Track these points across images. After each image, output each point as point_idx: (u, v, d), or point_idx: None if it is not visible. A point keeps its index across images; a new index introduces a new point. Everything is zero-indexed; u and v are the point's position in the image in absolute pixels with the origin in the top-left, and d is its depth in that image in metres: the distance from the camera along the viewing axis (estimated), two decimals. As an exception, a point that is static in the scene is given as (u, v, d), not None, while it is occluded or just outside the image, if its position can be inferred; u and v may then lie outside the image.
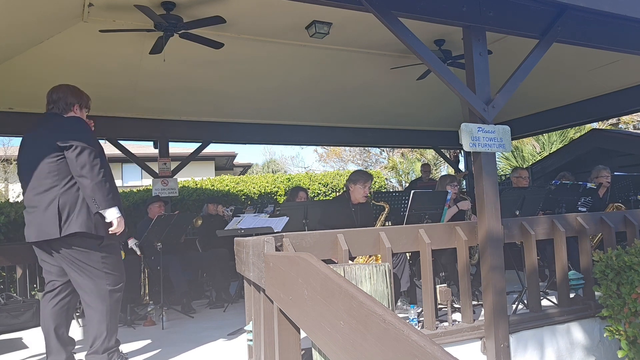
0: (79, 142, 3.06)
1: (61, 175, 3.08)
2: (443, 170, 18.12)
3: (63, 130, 3.13)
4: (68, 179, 3.08)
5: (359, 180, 4.58)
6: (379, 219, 4.40)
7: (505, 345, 3.54)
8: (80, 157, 3.04)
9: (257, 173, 23.32)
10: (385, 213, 4.38)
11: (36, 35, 4.74)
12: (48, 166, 3.08)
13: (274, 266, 2.25)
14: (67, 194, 3.06)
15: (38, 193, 3.08)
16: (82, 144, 3.07)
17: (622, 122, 16.20)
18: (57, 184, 3.07)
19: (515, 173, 6.09)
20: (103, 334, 3.13)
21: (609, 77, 6.50)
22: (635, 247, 3.68)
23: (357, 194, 4.58)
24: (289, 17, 4.71)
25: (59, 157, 3.08)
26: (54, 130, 3.15)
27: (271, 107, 7.37)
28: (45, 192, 3.06)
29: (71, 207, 3.05)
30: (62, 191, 3.06)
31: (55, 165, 3.08)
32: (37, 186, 3.09)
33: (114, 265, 3.24)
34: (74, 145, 3.05)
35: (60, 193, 3.05)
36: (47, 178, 3.07)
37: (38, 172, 3.10)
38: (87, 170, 3.03)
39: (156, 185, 7.21)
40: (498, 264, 3.56)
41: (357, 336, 1.32)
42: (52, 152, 3.08)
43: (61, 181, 3.07)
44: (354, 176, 4.67)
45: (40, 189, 3.07)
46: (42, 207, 3.05)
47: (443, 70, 3.65)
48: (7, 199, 13.45)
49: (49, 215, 3.02)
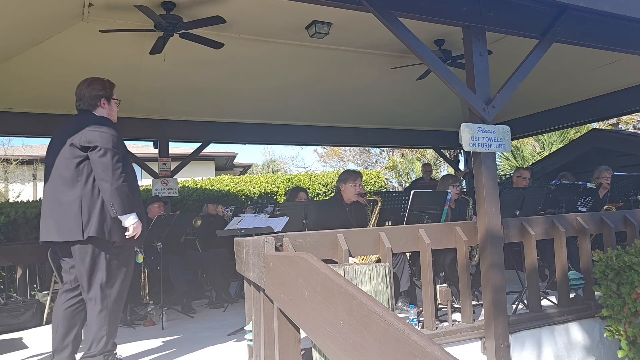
0: (102, 144, 3.07)
1: (85, 176, 3.08)
2: (443, 170, 18.12)
3: (89, 131, 3.12)
4: (92, 180, 3.08)
5: (348, 179, 4.61)
6: (374, 213, 4.42)
7: (505, 345, 3.54)
8: (103, 160, 3.04)
9: (257, 173, 23.32)
10: (379, 207, 4.38)
11: (36, 35, 4.74)
12: (72, 166, 3.08)
13: (274, 266, 2.25)
14: (90, 196, 3.07)
15: (61, 192, 3.08)
16: (105, 146, 3.07)
17: (622, 122, 16.20)
18: (80, 185, 3.07)
19: (518, 173, 6.10)
20: (102, 337, 3.11)
21: (609, 77, 6.50)
22: (635, 247, 3.67)
23: (348, 193, 4.60)
24: (289, 17, 4.71)
25: (83, 157, 3.09)
26: (80, 130, 3.14)
27: (271, 107, 7.37)
28: (69, 192, 3.06)
29: (92, 209, 3.06)
30: (85, 192, 3.06)
31: (79, 166, 3.08)
32: (60, 185, 3.09)
33: (120, 269, 3.23)
34: (98, 147, 3.06)
35: (83, 194, 3.06)
36: (71, 178, 3.07)
37: (62, 171, 3.10)
38: (108, 174, 3.03)
39: (156, 185, 7.21)
40: (497, 261, 3.56)
41: (357, 336, 1.32)
42: (77, 152, 3.09)
43: (85, 182, 3.07)
44: (342, 176, 4.72)
45: (64, 189, 3.07)
46: (64, 207, 3.05)
47: (443, 70, 3.65)
48: (7, 199, 13.45)
49: (72, 216, 3.03)
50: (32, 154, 15.25)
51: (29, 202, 7.34)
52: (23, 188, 15.21)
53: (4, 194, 14.69)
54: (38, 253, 5.24)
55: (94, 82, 3.36)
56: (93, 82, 3.36)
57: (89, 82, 3.35)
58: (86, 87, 3.32)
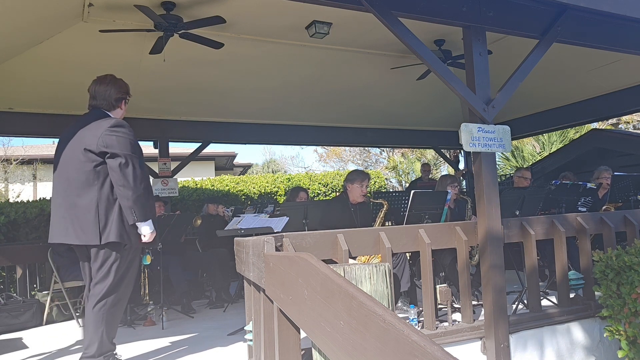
0: (121, 150, 3.02)
1: (101, 180, 3.05)
2: (443, 170, 18.12)
3: (107, 135, 3.04)
4: (108, 185, 3.05)
5: (356, 179, 4.59)
6: (379, 216, 4.40)
7: (505, 345, 3.54)
8: (125, 168, 3.00)
9: (257, 173, 23.31)
10: (384, 210, 4.37)
11: (36, 36, 4.74)
12: (88, 170, 3.04)
13: (274, 266, 2.25)
14: (106, 200, 3.04)
15: (76, 195, 3.04)
16: (125, 152, 3.03)
17: (622, 122, 16.20)
18: (97, 189, 3.03)
19: (519, 173, 6.11)
20: (99, 339, 3.09)
21: (609, 77, 6.51)
22: (635, 247, 3.67)
23: (355, 194, 4.58)
24: (289, 17, 4.71)
25: (100, 162, 3.05)
26: (96, 132, 3.07)
27: (271, 107, 7.37)
28: (85, 195, 3.03)
29: (109, 213, 3.04)
30: (102, 196, 3.04)
31: (95, 169, 3.04)
32: (74, 188, 3.05)
33: (128, 271, 3.23)
34: (117, 154, 3.01)
35: (100, 198, 3.03)
36: (86, 182, 3.04)
37: (76, 174, 3.06)
38: (130, 182, 3.00)
39: (156, 185, 7.21)
40: (498, 262, 3.56)
41: (357, 336, 1.32)
42: (93, 156, 3.04)
43: (101, 186, 3.04)
44: (351, 176, 4.68)
45: (79, 192, 3.04)
46: (80, 210, 3.03)
47: (443, 70, 3.65)
48: (7, 199, 13.45)
49: (89, 219, 3.01)
50: (32, 154, 15.25)
51: (29, 202, 7.33)
52: (23, 188, 15.21)
53: (4, 194, 14.69)
54: (38, 253, 5.24)
55: (118, 82, 3.28)
56: (117, 81, 3.28)
57: (111, 80, 3.26)
58: (111, 86, 3.23)
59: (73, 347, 4.11)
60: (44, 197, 7.67)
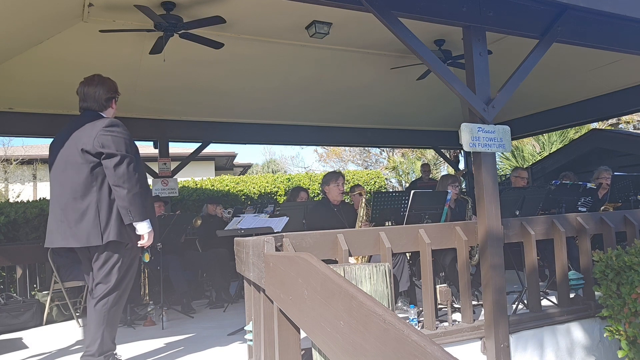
0: (117, 149, 3.02)
1: (99, 181, 3.05)
2: (443, 170, 18.12)
3: (102, 135, 3.05)
4: (107, 186, 3.05)
5: (330, 180, 4.79)
6: (360, 205, 4.57)
7: (505, 345, 3.54)
8: (120, 167, 3.00)
9: (257, 173, 23.31)
10: (363, 199, 4.55)
11: (36, 36, 4.74)
12: (85, 171, 3.04)
13: (274, 266, 2.25)
14: (106, 200, 3.04)
15: (74, 198, 3.04)
16: (121, 152, 3.03)
17: (622, 122, 16.20)
18: (95, 190, 3.04)
19: (515, 173, 6.12)
20: (101, 337, 3.09)
21: (609, 77, 6.50)
22: (635, 247, 3.67)
23: (333, 194, 4.75)
24: (289, 17, 4.71)
25: (96, 163, 3.05)
26: (90, 133, 3.07)
27: (271, 107, 7.37)
28: (83, 197, 3.03)
29: (109, 213, 3.04)
30: (101, 197, 3.04)
31: (93, 171, 3.04)
32: (72, 190, 3.05)
33: (128, 270, 3.24)
34: (113, 153, 3.01)
35: (99, 199, 3.03)
36: (84, 183, 3.03)
37: (74, 176, 3.06)
38: (125, 181, 3.00)
39: (156, 186, 7.21)
40: (498, 262, 3.56)
41: (357, 336, 1.32)
42: (90, 157, 3.04)
43: (99, 187, 3.04)
44: (325, 178, 4.90)
45: (77, 194, 3.04)
46: (80, 212, 3.02)
47: (443, 70, 3.65)
48: (7, 199, 13.45)
49: (89, 221, 3.01)
50: (32, 154, 15.24)
51: (29, 202, 7.34)
52: (23, 188, 15.20)
53: (4, 194, 14.68)
54: (38, 253, 5.24)
55: (105, 81, 3.28)
56: (105, 81, 3.28)
57: (99, 81, 3.26)
58: (100, 87, 3.23)
59: (73, 347, 4.11)
60: (44, 197, 7.66)
